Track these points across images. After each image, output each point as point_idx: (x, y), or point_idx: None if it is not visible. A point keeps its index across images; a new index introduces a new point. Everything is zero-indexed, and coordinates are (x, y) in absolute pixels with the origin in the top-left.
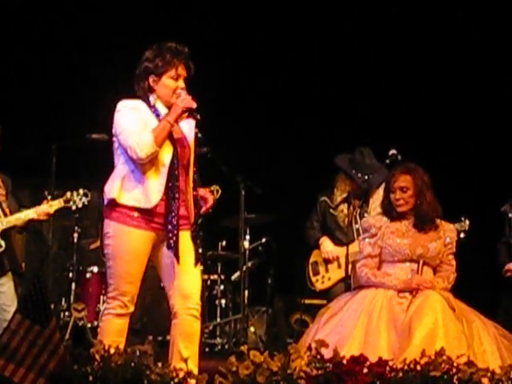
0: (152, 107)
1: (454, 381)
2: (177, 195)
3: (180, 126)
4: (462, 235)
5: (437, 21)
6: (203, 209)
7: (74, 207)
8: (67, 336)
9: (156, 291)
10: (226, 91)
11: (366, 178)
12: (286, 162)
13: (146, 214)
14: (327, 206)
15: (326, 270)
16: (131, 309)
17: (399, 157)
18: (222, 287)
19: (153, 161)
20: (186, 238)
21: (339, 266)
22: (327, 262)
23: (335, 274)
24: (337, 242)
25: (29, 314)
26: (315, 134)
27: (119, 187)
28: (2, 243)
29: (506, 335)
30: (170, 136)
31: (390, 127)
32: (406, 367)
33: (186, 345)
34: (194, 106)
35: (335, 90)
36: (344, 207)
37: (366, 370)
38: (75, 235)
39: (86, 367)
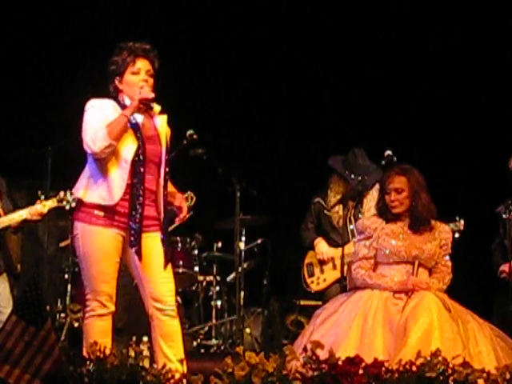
0: (123, 106)
1: (450, 382)
2: (140, 193)
3: (154, 123)
4: (456, 235)
5: (433, 23)
6: (178, 218)
7: (67, 207)
8: (63, 337)
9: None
10: (221, 92)
11: (360, 179)
12: (281, 163)
13: (111, 213)
14: (321, 207)
15: (321, 272)
16: (111, 308)
17: (395, 158)
18: (217, 288)
19: (116, 157)
20: (154, 240)
21: (334, 267)
22: (322, 263)
23: (330, 275)
24: (332, 243)
25: (24, 315)
26: (310, 136)
27: (84, 186)
28: None
29: (501, 336)
30: (136, 132)
31: (384, 128)
32: (401, 368)
33: (168, 344)
34: (151, 96)
35: (330, 92)
36: (339, 208)
37: (361, 371)
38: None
39: (81, 368)
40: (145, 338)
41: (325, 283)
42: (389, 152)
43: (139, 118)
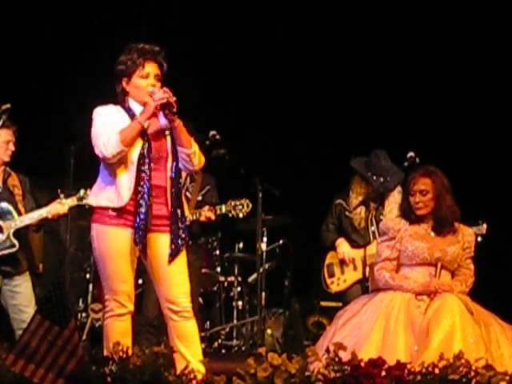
0: (128, 109)
1: None
2: (145, 191)
3: (159, 118)
4: (479, 239)
5: (453, 24)
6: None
7: (87, 205)
8: (84, 337)
9: None
10: (243, 93)
11: (382, 180)
12: (303, 164)
13: (123, 213)
14: (343, 208)
15: (342, 272)
16: (130, 308)
17: (417, 159)
18: (238, 289)
19: (124, 160)
20: (167, 241)
21: (355, 268)
22: (343, 263)
23: (351, 276)
24: (353, 244)
25: (48, 314)
26: (333, 136)
27: (96, 192)
28: (16, 243)
29: None
30: (141, 133)
31: (407, 129)
32: (424, 370)
33: (185, 345)
34: (171, 99)
35: (352, 93)
36: (361, 210)
37: (384, 373)
38: None
39: (103, 368)
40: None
41: (345, 284)
42: (412, 153)
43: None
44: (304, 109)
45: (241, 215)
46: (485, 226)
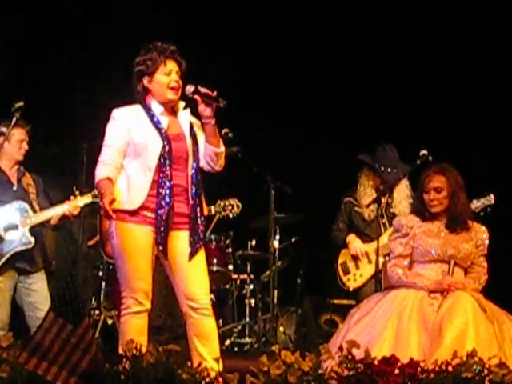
0: (148, 109)
1: (486, 382)
2: (167, 191)
3: (179, 120)
4: (488, 210)
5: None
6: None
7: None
8: (97, 334)
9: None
10: (255, 91)
11: (390, 170)
12: (316, 162)
13: (144, 210)
14: (352, 205)
15: (357, 268)
16: (147, 306)
17: (430, 157)
18: (251, 287)
19: (142, 166)
20: (187, 238)
21: (370, 262)
22: (356, 259)
23: (366, 270)
24: (365, 239)
25: (62, 312)
26: (345, 134)
27: (116, 189)
28: (32, 240)
29: None
30: (161, 134)
31: (418, 127)
32: (437, 368)
33: (202, 343)
34: (205, 90)
35: (362, 91)
36: (373, 207)
37: (397, 371)
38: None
39: (117, 366)
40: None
41: (362, 278)
42: (424, 151)
43: (164, 120)
44: (317, 107)
45: (231, 215)
46: (492, 196)
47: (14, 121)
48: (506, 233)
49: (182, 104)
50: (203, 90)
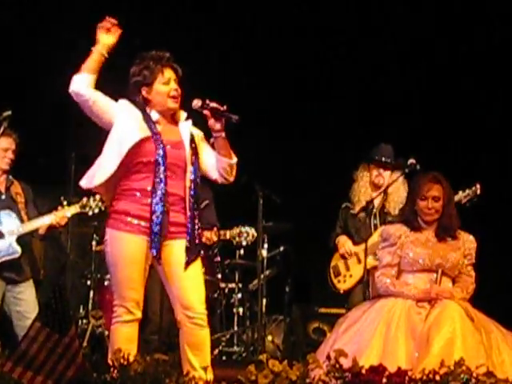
0: (148, 119)
1: None
2: (161, 198)
3: (179, 129)
4: (475, 200)
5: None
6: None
7: (90, 213)
8: (85, 343)
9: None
10: (242, 99)
11: (389, 160)
12: (304, 171)
13: (138, 219)
14: (348, 209)
15: (347, 269)
16: (138, 315)
17: (418, 166)
18: (239, 296)
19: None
20: (183, 247)
21: (359, 261)
22: (346, 259)
23: (356, 270)
24: (359, 240)
25: (48, 321)
26: (334, 143)
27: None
28: (19, 249)
29: None
30: (157, 139)
31: (407, 138)
32: (424, 377)
33: (194, 353)
34: (215, 105)
35: (353, 101)
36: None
37: (385, 380)
38: (93, 243)
39: (104, 375)
40: None
41: (352, 279)
42: (412, 160)
43: (162, 127)
44: (305, 115)
45: (244, 243)
46: (478, 186)
47: (1, 130)
48: (493, 241)
49: (183, 114)
50: (212, 104)
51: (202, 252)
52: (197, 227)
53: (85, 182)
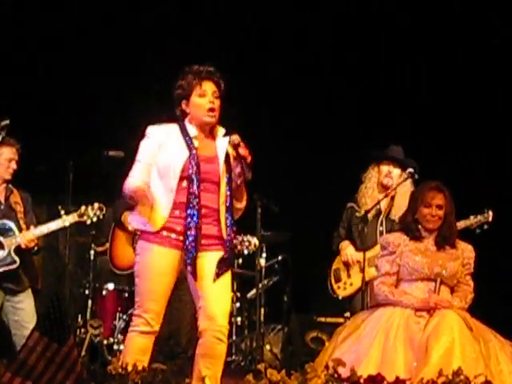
0: (185, 134)
1: None
2: (195, 212)
3: (215, 144)
4: (485, 227)
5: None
6: None
7: (88, 221)
8: (83, 353)
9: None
10: (242, 108)
11: (401, 158)
12: (302, 179)
13: (168, 231)
14: (354, 211)
15: (348, 276)
16: (156, 327)
17: (416, 175)
18: (237, 305)
19: (164, 186)
20: (214, 259)
21: (361, 271)
22: (348, 266)
23: (357, 279)
24: (361, 247)
25: (47, 331)
26: (332, 151)
27: (136, 211)
28: (17, 259)
29: None
30: (192, 155)
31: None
32: None
33: (206, 365)
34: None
35: (350, 109)
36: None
37: None
38: (91, 252)
39: None
40: None
41: (352, 288)
42: (411, 169)
43: (199, 142)
44: (303, 124)
45: (246, 252)
46: (490, 213)
47: None
48: (492, 251)
49: (222, 130)
50: (242, 151)
51: (230, 265)
52: (231, 240)
53: None
